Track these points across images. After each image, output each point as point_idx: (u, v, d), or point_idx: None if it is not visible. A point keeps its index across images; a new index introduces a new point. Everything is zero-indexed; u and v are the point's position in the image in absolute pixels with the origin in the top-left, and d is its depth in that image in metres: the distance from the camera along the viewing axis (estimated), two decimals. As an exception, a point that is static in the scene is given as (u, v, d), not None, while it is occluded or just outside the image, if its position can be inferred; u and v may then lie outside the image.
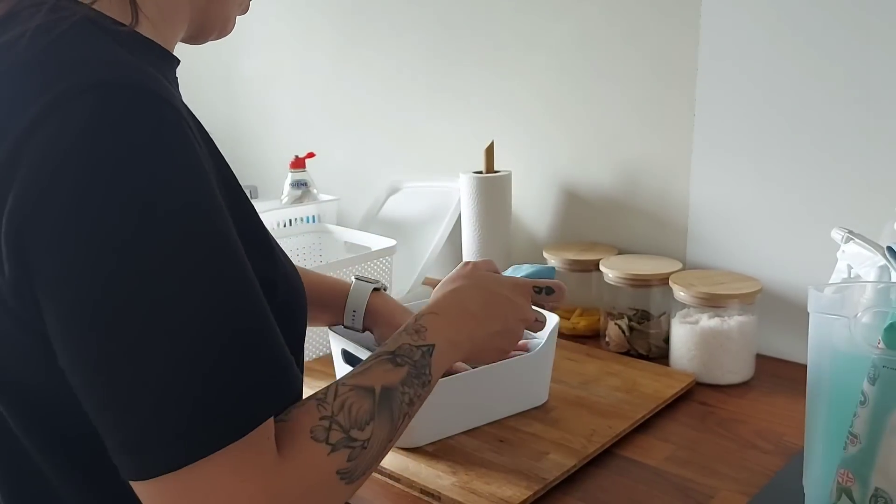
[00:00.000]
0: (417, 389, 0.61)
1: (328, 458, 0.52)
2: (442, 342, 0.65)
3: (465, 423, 0.88)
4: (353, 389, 0.56)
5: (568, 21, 1.25)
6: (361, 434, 0.54)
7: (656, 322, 1.12)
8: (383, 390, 0.58)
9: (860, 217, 0.97)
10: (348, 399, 0.55)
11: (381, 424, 0.56)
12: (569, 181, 1.31)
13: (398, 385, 0.59)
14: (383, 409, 0.57)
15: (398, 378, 0.60)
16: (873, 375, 0.59)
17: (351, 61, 1.62)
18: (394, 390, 0.59)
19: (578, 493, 0.78)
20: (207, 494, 0.46)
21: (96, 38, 0.50)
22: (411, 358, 0.62)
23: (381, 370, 0.60)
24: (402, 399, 0.59)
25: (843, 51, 0.98)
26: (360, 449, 0.54)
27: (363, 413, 0.55)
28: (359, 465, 0.54)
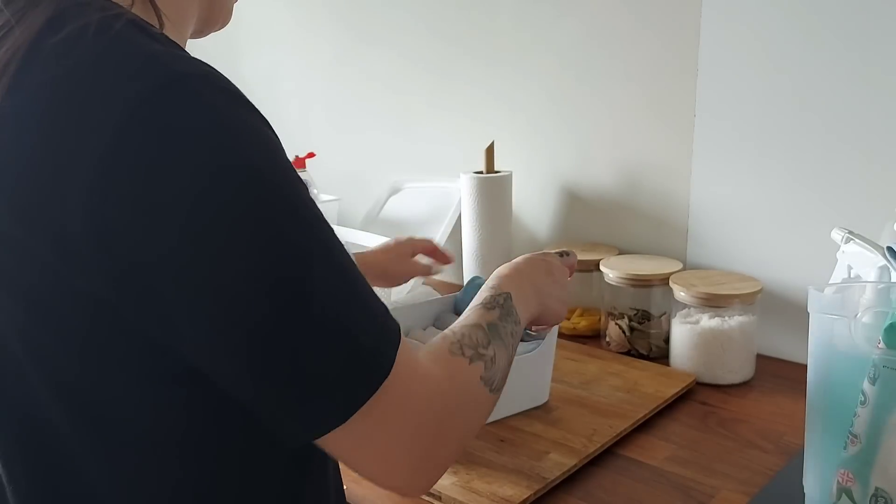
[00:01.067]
0: (513, 326, 0.68)
1: (470, 366, 0.59)
2: (515, 291, 0.72)
3: None
4: (463, 328, 0.63)
5: (568, 22, 1.25)
6: (487, 351, 0.62)
7: (657, 322, 1.12)
8: (489, 324, 0.65)
9: (860, 217, 0.97)
10: (465, 332, 0.62)
11: (498, 347, 0.63)
12: (569, 181, 1.31)
13: (498, 320, 0.67)
14: (495, 336, 0.64)
15: (495, 316, 0.67)
16: (873, 375, 0.60)
17: (352, 62, 1.62)
18: (496, 324, 0.66)
19: (579, 492, 0.78)
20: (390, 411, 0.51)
21: (144, 37, 0.51)
22: (498, 302, 0.69)
23: (479, 313, 0.67)
24: (506, 330, 0.66)
25: (843, 50, 0.98)
26: (491, 363, 0.61)
27: (482, 338, 0.62)
28: (494, 376, 0.61)
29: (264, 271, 0.47)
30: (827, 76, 1.00)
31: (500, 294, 0.71)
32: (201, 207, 0.45)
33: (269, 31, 1.79)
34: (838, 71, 0.99)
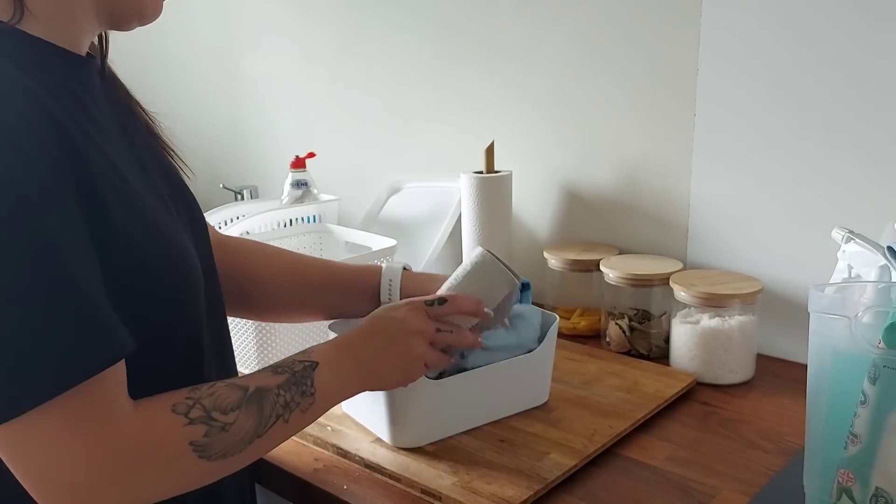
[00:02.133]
0: (295, 396, 0.65)
1: (183, 428, 0.56)
2: (325, 361, 0.69)
3: (465, 423, 0.88)
4: (227, 385, 0.61)
5: (569, 21, 1.25)
6: (223, 417, 0.58)
7: (657, 322, 1.12)
8: (256, 389, 0.62)
9: (860, 217, 0.97)
10: (219, 390, 0.60)
11: (248, 415, 0.60)
12: (569, 181, 1.31)
13: (273, 387, 0.63)
14: (251, 404, 0.61)
15: (275, 382, 0.64)
16: (874, 375, 0.60)
17: (352, 61, 1.62)
18: (267, 391, 0.63)
19: (579, 492, 0.78)
20: (40, 447, 0.50)
21: None
22: (291, 369, 0.66)
23: (260, 375, 0.65)
24: (276, 400, 0.63)
25: (843, 50, 0.98)
26: (220, 430, 0.58)
27: (230, 402, 0.59)
28: (216, 444, 0.57)
29: None
30: (827, 76, 1.00)
31: (301, 361, 0.68)
32: None
33: (268, 30, 1.79)
34: (838, 70, 0.99)
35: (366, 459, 0.84)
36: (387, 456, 0.84)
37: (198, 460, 0.57)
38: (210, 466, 0.58)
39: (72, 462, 0.51)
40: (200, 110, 2.03)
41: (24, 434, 0.50)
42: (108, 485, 0.53)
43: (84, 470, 0.51)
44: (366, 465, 0.84)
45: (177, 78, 2.08)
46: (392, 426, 0.85)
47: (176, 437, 0.56)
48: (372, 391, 0.78)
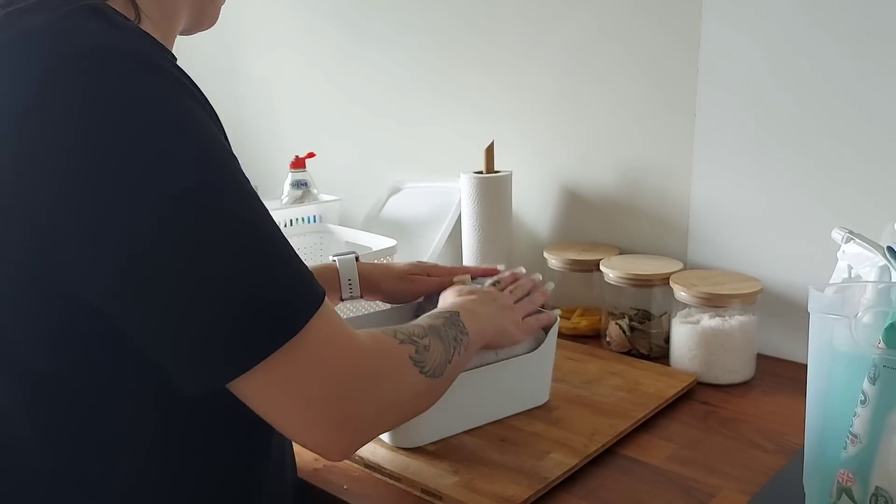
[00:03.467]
0: (458, 334, 0.73)
1: (399, 345, 0.64)
2: (464, 312, 0.77)
3: (467, 422, 0.88)
4: (402, 325, 0.68)
5: (569, 21, 1.25)
6: (421, 340, 0.66)
7: (657, 322, 1.12)
8: (429, 326, 0.70)
9: (860, 217, 0.97)
10: (402, 327, 0.67)
11: (435, 341, 0.68)
12: (569, 181, 1.31)
13: (440, 326, 0.72)
14: (433, 333, 0.69)
15: (438, 322, 0.72)
16: (874, 375, 0.60)
17: (352, 62, 1.62)
18: (437, 326, 0.71)
19: (580, 492, 0.78)
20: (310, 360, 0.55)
21: (99, 21, 0.55)
22: (443, 315, 0.75)
23: (424, 320, 0.72)
24: (448, 333, 0.71)
25: (844, 49, 0.98)
26: (424, 349, 0.65)
27: (418, 330, 0.68)
28: (427, 360, 0.65)
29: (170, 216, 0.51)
30: (828, 75, 1.00)
31: (446, 311, 0.77)
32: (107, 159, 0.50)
33: (269, 31, 1.79)
34: (839, 70, 0.99)
35: (366, 459, 0.84)
36: (387, 456, 0.84)
37: (418, 374, 0.64)
38: (428, 382, 0.65)
39: (336, 371, 0.56)
40: (201, 110, 2.03)
41: (290, 364, 0.54)
42: (365, 388, 0.58)
43: (346, 375, 0.57)
44: (366, 464, 0.84)
45: (177, 78, 2.08)
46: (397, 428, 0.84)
47: (398, 351, 0.63)
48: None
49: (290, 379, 0.54)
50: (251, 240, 0.54)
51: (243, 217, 0.54)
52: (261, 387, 0.54)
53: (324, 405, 0.56)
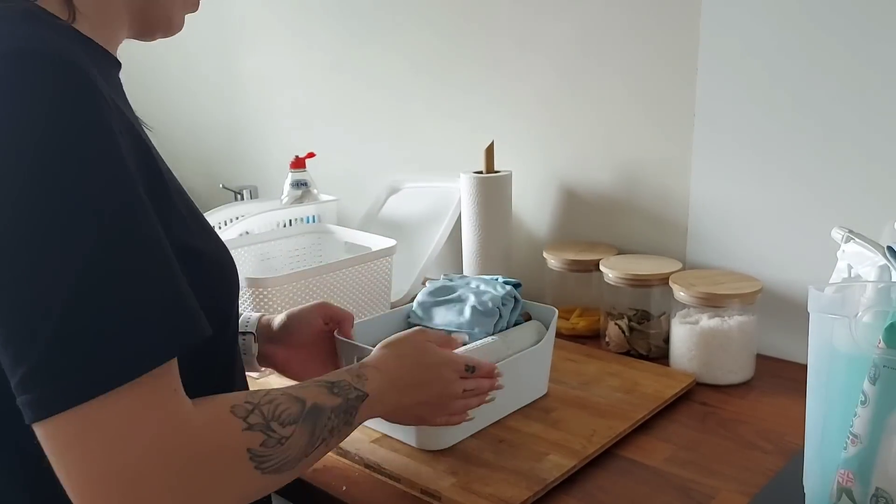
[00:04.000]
0: (341, 425, 0.64)
1: (241, 433, 0.54)
2: (374, 395, 0.69)
3: (477, 423, 0.88)
4: (285, 395, 0.59)
5: (568, 20, 1.25)
6: (281, 430, 0.56)
7: (656, 322, 1.12)
8: (314, 406, 0.60)
9: (860, 217, 0.97)
10: (278, 399, 0.58)
11: (302, 433, 0.58)
12: (569, 181, 1.31)
13: (328, 409, 0.62)
14: (307, 421, 0.59)
15: (330, 404, 0.63)
16: (874, 375, 0.59)
17: (351, 61, 1.62)
18: (322, 410, 0.61)
19: (579, 493, 0.78)
20: (105, 434, 0.47)
21: (31, 25, 0.53)
22: (347, 395, 0.65)
23: (317, 390, 0.63)
24: (327, 423, 0.61)
25: (843, 49, 0.98)
26: (277, 443, 0.56)
27: (288, 414, 0.57)
28: (273, 456, 0.55)
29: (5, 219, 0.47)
30: (827, 75, 1.00)
31: (356, 388, 0.67)
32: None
33: (268, 31, 1.79)
34: (838, 70, 0.99)
35: (365, 459, 0.84)
36: (386, 456, 0.84)
37: (253, 470, 0.54)
38: (262, 480, 0.55)
39: (136, 451, 0.47)
40: (200, 111, 2.03)
41: (91, 420, 0.47)
42: (167, 480, 0.49)
43: (147, 460, 0.48)
44: (365, 465, 0.84)
45: (176, 78, 2.08)
46: (418, 428, 0.84)
47: (235, 441, 0.53)
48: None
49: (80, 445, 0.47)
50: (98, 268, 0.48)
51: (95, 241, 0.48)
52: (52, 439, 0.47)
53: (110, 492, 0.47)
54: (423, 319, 0.98)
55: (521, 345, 0.92)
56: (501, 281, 0.99)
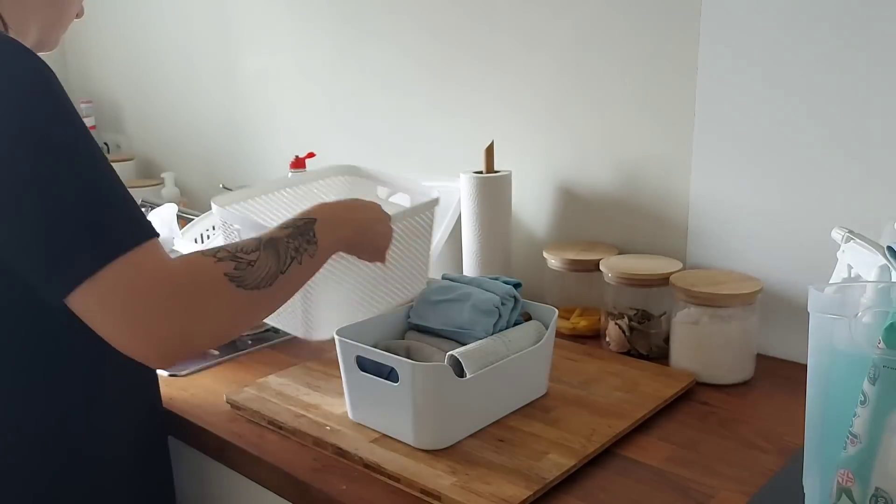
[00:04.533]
0: (303, 243, 0.77)
1: (215, 264, 0.69)
2: (322, 217, 0.81)
3: (476, 423, 0.89)
4: (244, 239, 0.74)
5: (568, 20, 1.25)
6: (247, 255, 0.71)
7: (657, 322, 1.12)
8: (269, 238, 0.74)
9: (860, 217, 0.97)
10: (238, 241, 0.73)
11: (267, 255, 0.72)
12: (569, 181, 1.31)
13: (283, 238, 0.75)
14: (268, 247, 0.73)
15: (283, 234, 0.76)
16: (873, 375, 0.59)
17: (351, 61, 1.62)
18: (278, 239, 0.75)
19: (578, 492, 0.78)
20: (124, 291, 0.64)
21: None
22: (295, 224, 0.79)
23: (269, 231, 0.77)
24: (288, 245, 0.75)
25: (843, 49, 0.98)
26: (247, 265, 0.70)
27: (249, 245, 0.72)
28: (247, 276, 0.70)
29: (28, 152, 0.63)
30: (827, 75, 1.00)
31: (301, 218, 0.80)
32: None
33: (268, 30, 1.79)
34: (839, 69, 0.99)
35: (365, 459, 0.84)
36: (386, 456, 0.84)
37: (236, 289, 0.69)
38: (249, 295, 0.70)
39: (147, 297, 0.64)
40: (200, 110, 2.03)
41: (110, 283, 0.63)
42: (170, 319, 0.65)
43: (153, 297, 0.64)
44: (365, 465, 0.84)
45: (176, 78, 2.08)
46: (416, 428, 0.85)
47: (211, 270, 0.68)
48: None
49: (107, 294, 0.64)
50: (94, 180, 0.66)
51: (91, 166, 0.66)
52: (81, 297, 0.64)
53: (142, 324, 0.64)
54: (423, 319, 0.98)
55: (521, 345, 0.92)
56: (501, 280, 0.99)
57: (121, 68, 2.27)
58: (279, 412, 0.95)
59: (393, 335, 0.99)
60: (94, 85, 2.38)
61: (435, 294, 1.00)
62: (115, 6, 2.21)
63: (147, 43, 2.14)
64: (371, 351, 0.88)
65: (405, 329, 1.01)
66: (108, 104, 2.34)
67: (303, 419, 0.93)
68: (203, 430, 0.95)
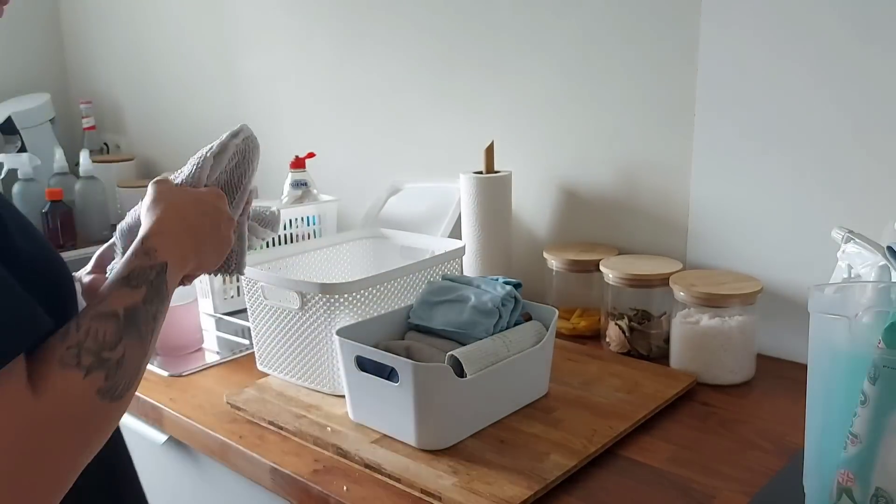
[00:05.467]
0: (157, 305, 0.63)
1: (84, 381, 0.54)
2: (172, 258, 0.66)
3: (477, 423, 0.89)
4: (94, 318, 0.58)
5: (568, 21, 1.25)
6: (113, 354, 0.57)
7: (657, 322, 1.12)
8: (126, 311, 0.59)
9: (860, 217, 0.97)
10: (92, 326, 0.57)
11: (132, 343, 0.58)
12: (569, 181, 1.31)
13: (140, 304, 0.61)
14: (130, 329, 0.59)
15: (139, 298, 0.61)
16: (873, 375, 0.59)
17: (351, 61, 1.62)
18: (137, 309, 0.60)
19: (579, 493, 0.78)
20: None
21: None
22: (147, 278, 0.63)
23: (120, 294, 0.61)
24: (146, 316, 0.61)
25: (843, 50, 0.98)
26: (116, 367, 0.56)
27: (111, 335, 0.57)
28: (118, 383, 0.56)
29: None
30: (827, 75, 1.00)
31: (153, 266, 0.64)
32: None
33: (268, 30, 1.79)
34: (839, 70, 0.99)
35: (366, 459, 0.84)
36: (387, 456, 0.84)
37: (110, 404, 0.56)
38: (120, 405, 0.57)
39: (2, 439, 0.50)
40: (200, 111, 2.03)
41: None
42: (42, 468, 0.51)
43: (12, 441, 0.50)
44: (366, 465, 0.84)
45: (177, 77, 2.08)
46: (417, 428, 0.85)
47: (84, 392, 0.54)
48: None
49: None
50: None
51: None
52: None
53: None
54: (423, 319, 0.98)
55: (521, 345, 0.93)
56: (502, 281, 0.99)
57: (121, 68, 2.27)
58: (280, 413, 0.95)
59: (393, 335, 0.99)
60: (94, 85, 2.38)
61: (435, 294, 1.00)
62: (115, 6, 2.21)
63: (147, 43, 2.14)
64: (371, 351, 0.88)
65: (405, 329, 1.01)
66: (108, 104, 2.34)
67: (303, 420, 0.93)
68: (203, 430, 0.95)
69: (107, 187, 1.97)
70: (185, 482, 1.07)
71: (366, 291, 0.99)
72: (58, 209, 1.83)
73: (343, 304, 0.97)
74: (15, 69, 2.32)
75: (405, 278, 1.06)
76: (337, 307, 0.97)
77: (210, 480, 1.03)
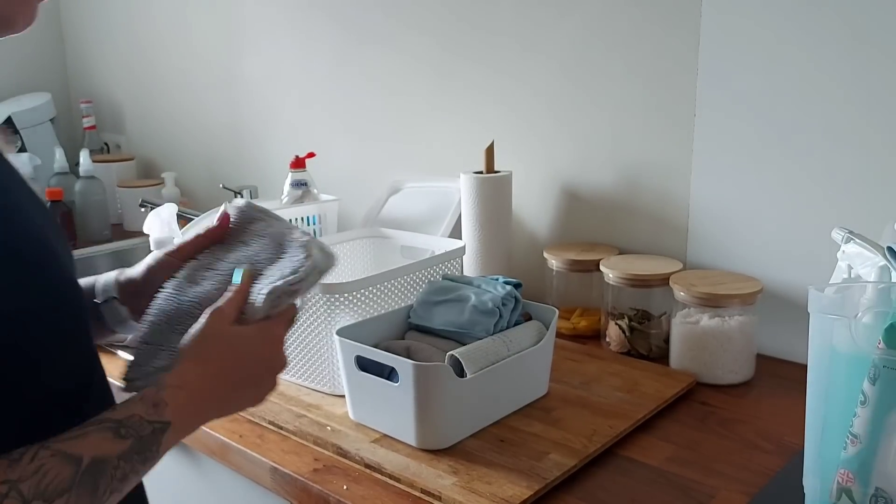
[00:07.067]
0: (136, 465, 0.54)
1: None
2: (181, 421, 0.58)
3: (477, 423, 0.89)
4: (55, 455, 0.50)
5: (569, 21, 1.25)
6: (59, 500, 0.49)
7: (657, 322, 1.12)
8: (93, 462, 0.51)
9: (860, 217, 0.97)
10: (46, 465, 0.49)
11: (79, 498, 0.50)
12: (569, 181, 1.31)
13: (114, 458, 0.53)
14: (85, 483, 0.50)
15: (116, 451, 0.53)
16: (873, 375, 0.59)
17: (351, 61, 1.62)
18: (106, 463, 0.52)
19: (579, 492, 0.78)
20: None
21: None
22: (139, 432, 0.55)
23: (99, 438, 0.53)
24: (114, 474, 0.53)
25: (844, 49, 0.98)
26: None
27: (57, 483, 0.49)
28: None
29: None
30: (827, 75, 1.00)
31: (151, 422, 0.56)
32: None
33: (269, 31, 1.79)
34: (839, 70, 0.99)
35: (366, 459, 0.84)
36: (387, 456, 0.84)
37: None
38: None
39: None
40: (200, 110, 2.03)
41: None
42: None
43: None
44: (366, 465, 0.84)
45: (177, 78, 2.08)
46: (417, 428, 0.85)
47: None
48: None
49: None
50: None
51: None
52: None
53: None
54: (424, 319, 0.98)
55: (521, 345, 0.93)
56: (502, 281, 0.99)
57: (121, 68, 2.27)
58: (280, 412, 0.95)
59: (393, 335, 0.99)
60: (94, 85, 2.38)
61: (435, 294, 1.00)
62: (115, 6, 2.21)
63: (148, 43, 2.14)
64: (372, 351, 0.88)
65: (405, 329, 1.01)
66: (108, 104, 2.34)
67: (303, 419, 0.93)
68: (203, 429, 0.95)
69: (107, 187, 1.97)
70: (185, 481, 1.07)
71: (366, 291, 0.99)
72: (58, 209, 1.83)
73: (343, 303, 0.97)
74: (15, 69, 2.32)
75: (405, 278, 1.05)
76: (337, 307, 0.97)
77: (210, 480, 1.03)
